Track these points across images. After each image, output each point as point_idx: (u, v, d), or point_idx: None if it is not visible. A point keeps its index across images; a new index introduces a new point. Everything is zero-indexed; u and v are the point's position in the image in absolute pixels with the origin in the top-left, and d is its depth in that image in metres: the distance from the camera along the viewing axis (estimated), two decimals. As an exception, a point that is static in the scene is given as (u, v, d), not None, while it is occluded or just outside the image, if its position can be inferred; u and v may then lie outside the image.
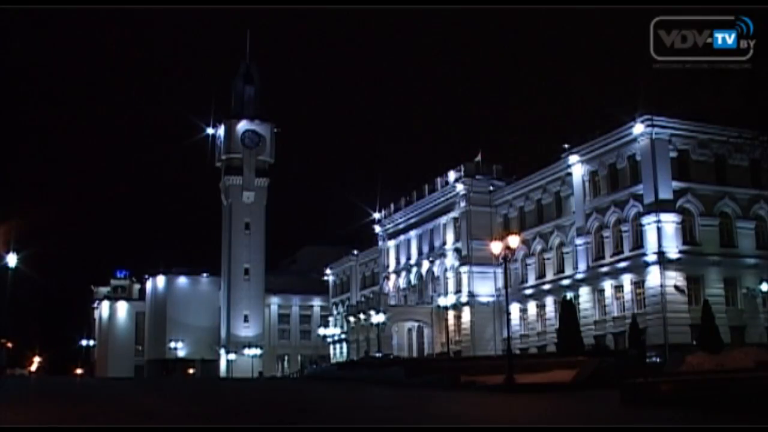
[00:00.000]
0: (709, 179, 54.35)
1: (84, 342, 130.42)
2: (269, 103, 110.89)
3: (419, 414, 21.86)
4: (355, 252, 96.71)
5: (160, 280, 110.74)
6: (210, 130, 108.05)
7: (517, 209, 68.57)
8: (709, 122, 51.76)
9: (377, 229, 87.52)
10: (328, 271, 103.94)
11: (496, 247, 34.70)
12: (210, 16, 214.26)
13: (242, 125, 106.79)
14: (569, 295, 56.37)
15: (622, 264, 55.46)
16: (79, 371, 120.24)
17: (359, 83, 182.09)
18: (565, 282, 61.25)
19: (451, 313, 68.73)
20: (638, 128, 53.88)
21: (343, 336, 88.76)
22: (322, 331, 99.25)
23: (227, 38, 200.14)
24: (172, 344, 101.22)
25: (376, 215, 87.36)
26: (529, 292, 65.75)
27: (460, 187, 72.00)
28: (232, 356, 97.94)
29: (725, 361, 32.12)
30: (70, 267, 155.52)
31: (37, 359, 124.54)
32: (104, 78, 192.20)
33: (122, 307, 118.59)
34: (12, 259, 38.19)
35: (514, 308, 64.46)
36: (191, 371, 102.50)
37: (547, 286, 63.74)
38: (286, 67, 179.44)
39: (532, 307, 65.46)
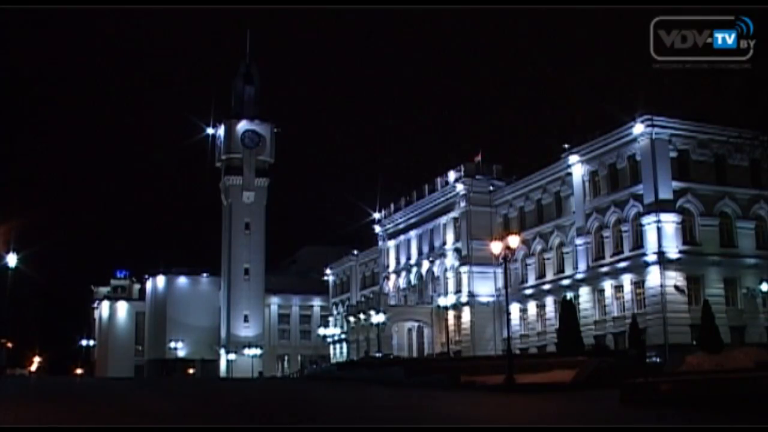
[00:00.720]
0: (709, 179, 54.34)
1: (84, 342, 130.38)
2: (269, 103, 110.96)
3: (419, 414, 21.86)
4: (355, 252, 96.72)
5: (160, 280, 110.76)
6: (210, 130, 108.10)
7: (517, 209, 68.57)
8: (709, 122, 51.77)
9: (377, 229, 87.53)
10: (328, 271, 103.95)
11: (496, 247, 34.68)
12: (210, 16, 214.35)
13: (242, 125, 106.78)
14: (569, 295, 56.35)
15: (622, 264, 55.45)
16: (79, 371, 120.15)
17: (359, 83, 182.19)
18: (565, 282, 61.25)
19: (451, 313, 68.71)
20: (638, 128, 53.89)
21: (343, 336, 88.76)
22: (322, 331, 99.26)
23: (227, 38, 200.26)
24: (172, 344, 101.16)
25: (376, 215, 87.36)
26: (529, 292, 65.75)
27: (460, 187, 72.01)
28: (232, 356, 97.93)
29: (725, 361, 32.11)
30: (70, 267, 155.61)
31: (37, 359, 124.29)
32: (104, 78, 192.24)
33: (122, 307, 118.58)
34: (12, 259, 38.27)
35: (514, 308, 64.46)
36: (191, 371, 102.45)
37: (547, 286, 63.74)
38: (286, 67, 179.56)
39: (532, 307, 65.46)
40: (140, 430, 17.75)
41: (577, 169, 60.67)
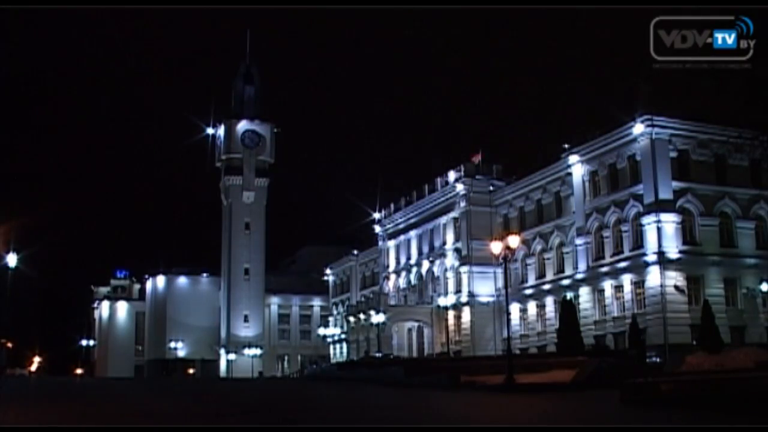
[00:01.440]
0: (709, 179, 54.37)
1: (84, 342, 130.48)
2: (269, 103, 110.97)
3: (419, 414, 21.85)
4: (355, 252, 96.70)
5: (160, 280, 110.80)
6: (210, 130, 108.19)
7: (517, 209, 68.57)
8: (709, 122, 51.74)
9: (377, 229, 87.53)
10: (328, 271, 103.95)
11: (496, 247, 34.68)
12: (210, 16, 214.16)
13: (242, 125, 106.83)
14: (569, 295, 56.39)
15: (622, 264, 55.46)
16: (79, 371, 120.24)
17: (359, 83, 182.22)
18: (565, 282, 61.25)
19: (451, 313, 68.72)
20: (638, 128, 53.90)
21: (343, 336, 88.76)
22: (322, 331, 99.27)
23: (227, 38, 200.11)
24: (172, 344, 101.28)
25: (376, 215, 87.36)
26: (529, 292, 65.75)
27: (460, 187, 72.00)
28: (232, 356, 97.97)
29: (725, 361, 32.09)
30: (70, 267, 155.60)
31: (37, 359, 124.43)
32: (104, 78, 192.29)
33: (122, 307, 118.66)
34: (12, 259, 38.20)
35: (514, 308, 64.46)
36: (191, 371, 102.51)
37: (547, 286, 63.74)
38: (286, 67, 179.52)
39: (532, 307, 65.46)
40: (140, 430, 17.74)
41: (577, 169, 60.67)
